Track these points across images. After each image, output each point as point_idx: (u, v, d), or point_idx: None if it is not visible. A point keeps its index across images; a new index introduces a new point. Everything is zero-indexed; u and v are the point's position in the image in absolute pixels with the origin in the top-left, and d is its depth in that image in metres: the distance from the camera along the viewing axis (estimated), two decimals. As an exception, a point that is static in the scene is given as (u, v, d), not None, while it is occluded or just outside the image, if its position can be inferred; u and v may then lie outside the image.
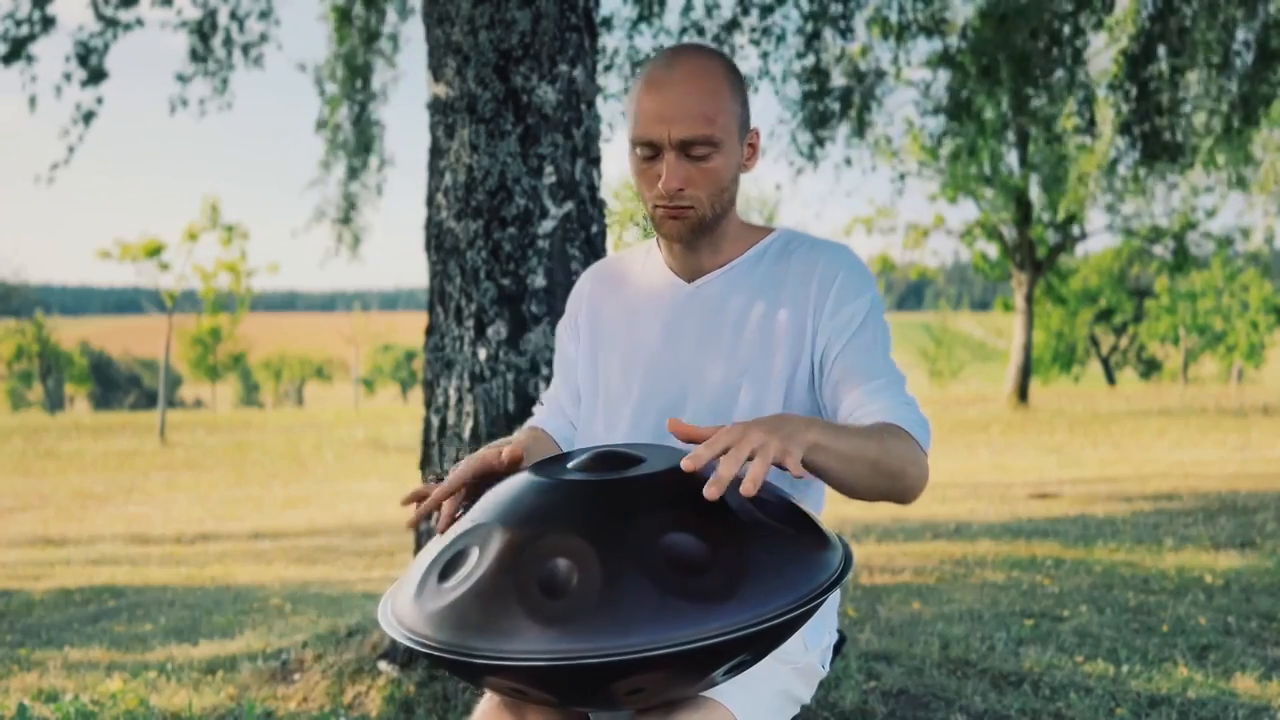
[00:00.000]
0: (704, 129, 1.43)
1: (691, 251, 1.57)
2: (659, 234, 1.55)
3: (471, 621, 1.13)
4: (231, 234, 19.83)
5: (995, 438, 14.79)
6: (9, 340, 40.45)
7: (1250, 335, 35.11)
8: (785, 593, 1.15)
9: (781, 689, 1.49)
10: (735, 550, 1.17)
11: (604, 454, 1.35)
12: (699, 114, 1.43)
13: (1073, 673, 3.38)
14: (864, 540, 6.28)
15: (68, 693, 3.49)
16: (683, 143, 1.44)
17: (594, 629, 1.09)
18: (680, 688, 1.22)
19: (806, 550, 1.23)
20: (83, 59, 5.38)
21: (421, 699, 3.09)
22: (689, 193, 1.47)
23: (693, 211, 1.49)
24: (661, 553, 1.14)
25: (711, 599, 1.11)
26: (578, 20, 3.29)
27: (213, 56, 6.51)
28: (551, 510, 1.23)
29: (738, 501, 1.23)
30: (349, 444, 17.37)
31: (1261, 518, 6.63)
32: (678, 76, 1.44)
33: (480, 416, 3.21)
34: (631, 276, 1.67)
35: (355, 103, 7.92)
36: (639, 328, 1.61)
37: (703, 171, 1.46)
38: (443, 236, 3.31)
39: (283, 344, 66.63)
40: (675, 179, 1.45)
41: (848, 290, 1.50)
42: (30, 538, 8.10)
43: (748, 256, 1.58)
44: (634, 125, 1.47)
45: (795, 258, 1.55)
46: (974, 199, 21.70)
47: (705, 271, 1.58)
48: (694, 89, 1.44)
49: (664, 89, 1.44)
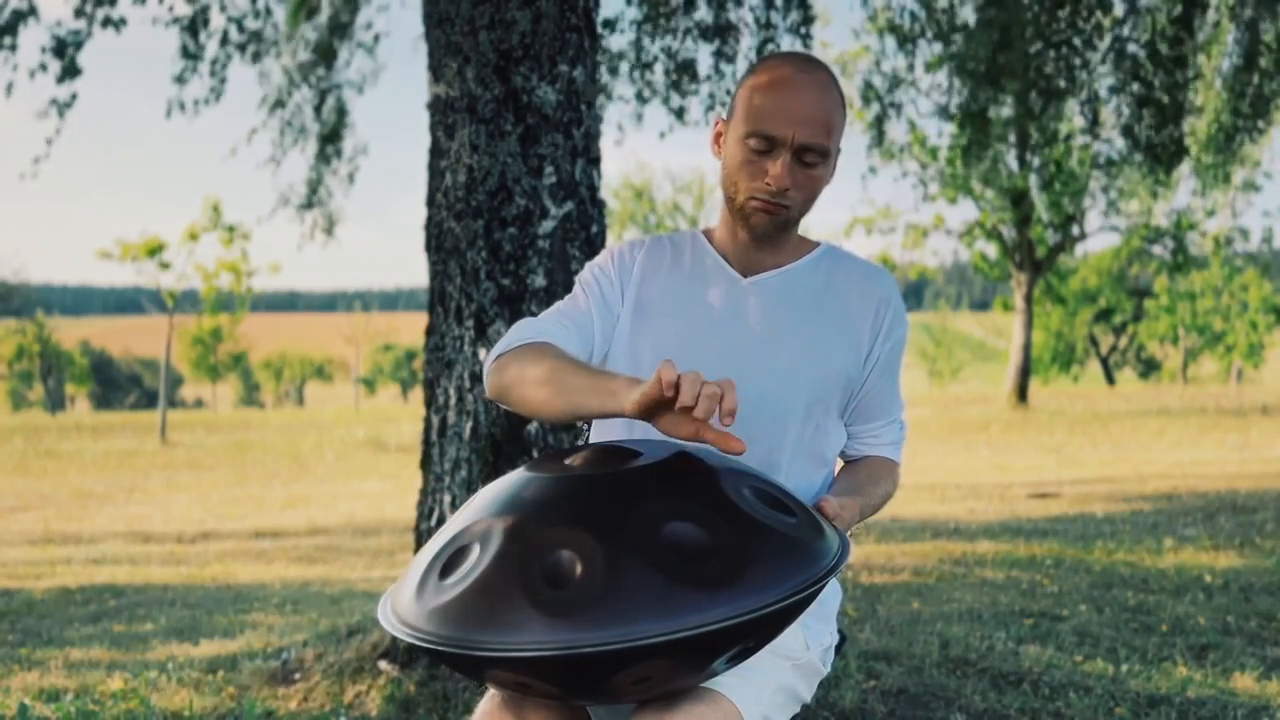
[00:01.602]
0: (823, 138, 1.50)
1: (757, 249, 1.61)
2: (743, 224, 1.57)
3: (475, 615, 1.14)
4: (233, 234, 19.82)
5: (995, 438, 14.79)
6: (9, 340, 40.46)
7: (1249, 335, 35.14)
8: (787, 578, 1.17)
9: (783, 684, 1.51)
10: (736, 537, 1.18)
11: (599, 449, 1.36)
12: (823, 123, 1.49)
13: (1072, 672, 3.38)
14: (864, 540, 6.28)
15: (68, 692, 3.50)
16: (802, 146, 1.49)
17: (599, 618, 1.09)
18: (684, 677, 1.23)
19: (805, 538, 1.25)
20: (58, 53, 5.35)
21: (421, 698, 3.10)
22: (791, 194, 1.52)
23: (787, 212, 1.54)
24: (663, 540, 1.15)
25: (715, 585, 1.12)
26: (578, 20, 3.29)
27: (202, 55, 6.49)
28: (552, 504, 1.23)
29: (737, 491, 1.25)
30: (349, 444, 17.37)
31: (1261, 517, 6.63)
32: (808, 82, 1.50)
33: (480, 416, 3.21)
34: (682, 262, 1.67)
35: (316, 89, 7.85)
36: (691, 314, 1.61)
37: (808, 177, 1.52)
38: (443, 236, 3.32)
39: (283, 344, 66.67)
40: (785, 179, 1.50)
41: (898, 317, 1.63)
42: (31, 537, 8.10)
43: (804, 262, 1.64)
44: (755, 118, 1.50)
45: (849, 271, 1.64)
46: (973, 199, 21.72)
47: (763, 269, 1.62)
48: (821, 98, 1.50)
49: (795, 91, 1.49)
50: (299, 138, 8.05)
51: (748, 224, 1.56)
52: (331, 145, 8.22)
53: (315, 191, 8.70)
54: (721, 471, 1.29)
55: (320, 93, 7.84)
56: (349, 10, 7.53)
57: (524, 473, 1.32)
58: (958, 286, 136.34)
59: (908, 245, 23.58)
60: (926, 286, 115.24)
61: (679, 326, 1.60)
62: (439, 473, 3.32)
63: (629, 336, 1.62)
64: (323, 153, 8.24)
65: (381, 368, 61.49)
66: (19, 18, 5.10)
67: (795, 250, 1.64)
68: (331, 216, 9.22)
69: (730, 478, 1.29)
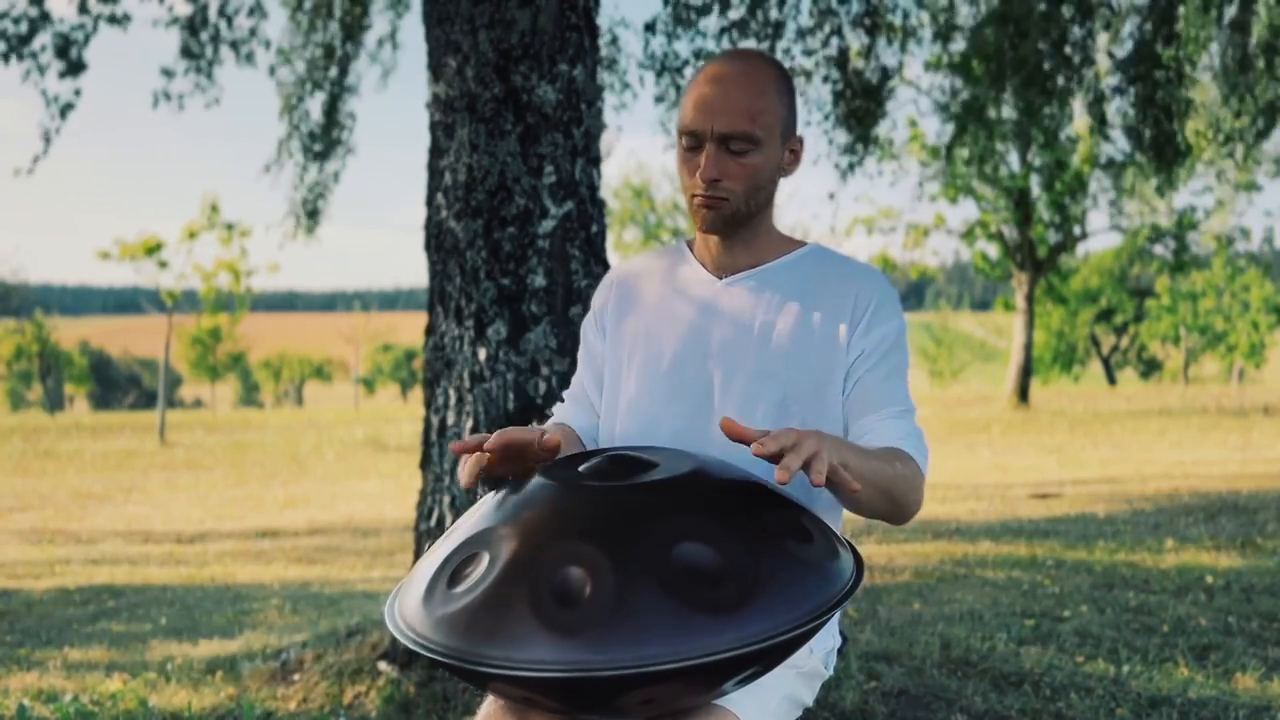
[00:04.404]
0: (745, 125, 1.49)
1: (726, 249, 1.61)
2: (695, 224, 1.59)
3: (482, 628, 1.12)
4: (231, 233, 19.79)
5: (996, 438, 14.78)
6: (9, 340, 40.42)
7: (1251, 335, 35.12)
8: (799, 604, 1.14)
9: (788, 694, 1.50)
10: (750, 560, 1.15)
11: (618, 458, 1.33)
12: (742, 110, 1.49)
13: (1073, 673, 3.37)
14: (864, 540, 6.28)
15: (68, 693, 3.49)
16: (724, 136, 1.50)
17: (607, 641, 1.07)
18: (691, 698, 1.21)
19: (820, 559, 1.21)
20: (61, 50, 5.35)
21: (421, 699, 3.09)
22: (725, 185, 1.52)
23: (726, 204, 1.53)
24: (675, 563, 1.12)
25: (726, 611, 1.10)
26: (578, 20, 3.28)
27: (203, 55, 6.50)
28: (565, 516, 1.21)
29: (753, 511, 1.22)
30: (349, 444, 17.37)
31: (1262, 518, 6.62)
32: (727, 73, 1.51)
33: (480, 416, 3.20)
34: (663, 274, 1.69)
35: (328, 93, 7.84)
36: (670, 322, 1.63)
37: (741, 166, 1.52)
38: (443, 236, 3.31)
39: (283, 344, 66.65)
40: (712, 168, 1.50)
41: (883, 312, 1.57)
42: (30, 537, 8.10)
43: (782, 261, 1.62)
44: (682, 118, 1.53)
45: (831, 270, 1.60)
46: (974, 199, 21.72)
47: (738, 270, 1.61)
48: (740, 86, 1.51)
49: (714, 84, 1.51)
50: (306, 143, 8.05)
51: (697, 221, 1.57)
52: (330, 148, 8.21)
53: (321, 196, 8.70)
54: (738, 490, 1.27)
55: (330, 97, 7.83)
56: (360, 10, 7.52)
57: (540, 479, 1.30)
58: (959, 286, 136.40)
59: (908, 245, 23.55)
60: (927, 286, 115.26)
61: (658, 344, 1.62)
62: (439, 473, 3.31)
63: (624, 370, 1.66)
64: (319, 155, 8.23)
65: (381, 368, 61.47)
66: (34, 26, 5.11)
67: (775, 249, 1.63)
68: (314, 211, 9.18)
69: (747, 497, 1.26)
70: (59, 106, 5.48)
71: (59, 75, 5.38)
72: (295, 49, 7.51)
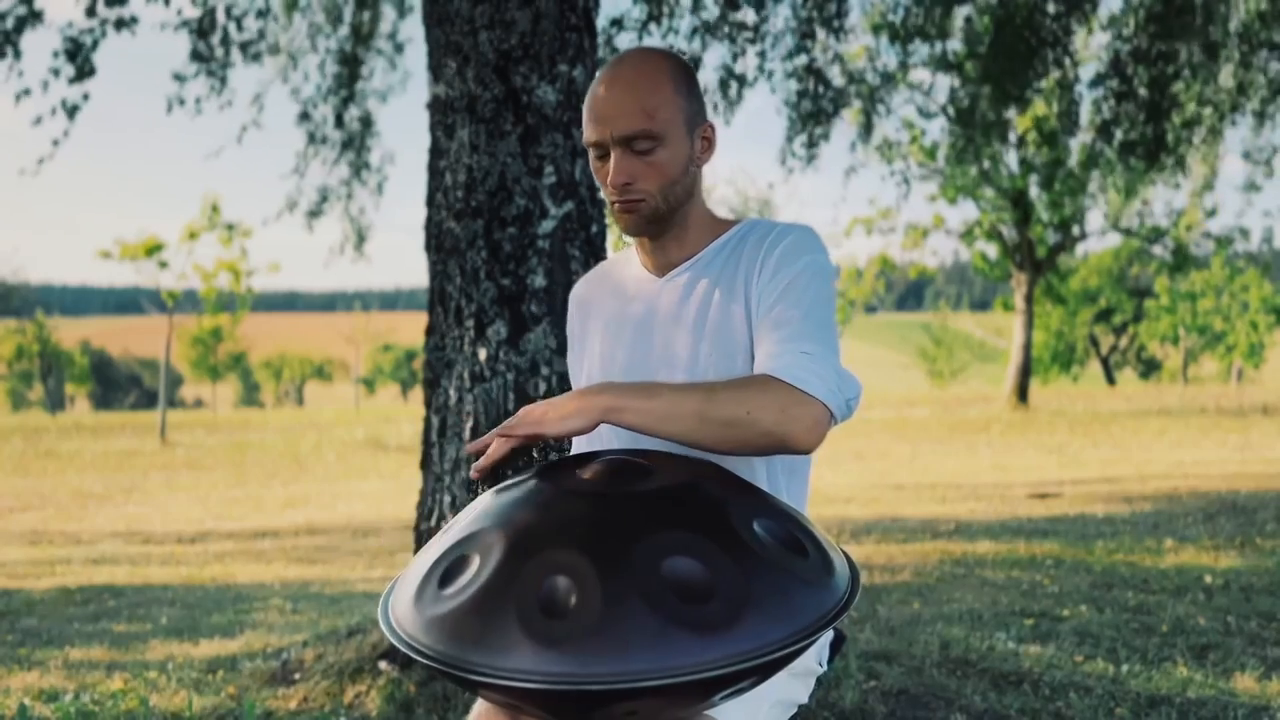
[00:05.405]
0: (642, 124, 1.47)
1: (660, 247, 1.60)
2: (620, 230, 1.59)
3: (468, 634, 1.12)
4: (232, 233, 19.79)
5: (995, 438, 14.79)
6: (9, 340, 40.41)
7: (1250, 335, 35.12)
8: (788, 622, 1.13)
9: (780, 698, 1.50)
10: (740, 576, 1.14)
11: (614, 463, 1.32)
12: (636, 110, 1.47)
13: (1072, 672, 3.38)
14: (864, 540, 6.28)
15: (68, 692, 3.49)
16: (624, 138, 1.47)
17: (591, 653, 1.07)
18: (676, 710, 1.20)
19: (813, 574, 1.21)
20: (71, 55, 5.35)
21: (421, 699, 3.09)
22: (638, 186, 1.50)
23: (644, 204, 1.51)
24: (664, 577, 1.12)
25: (713, 628, 1.09)
26: (578, 20, 3.29)
27: (214, 58, 6.51)
28: (555, 523, 1.20)
29: (748, 525, 1.21)
30: (349, 444, 17.37)
31: (1261, 518, 6.63)
32: (617, 76, 1.50)
33: (480, 416, 3.21)
34: (616, 278, 1.69)
35: (340, 97, 7.86)
36: (619, 326, 1.63)
37: (649, 165, 1.49)
38: (443, 236, 3.32)
39: (283, 344, 66.67)
40: (621, 173, 1.49)
41: (788, 255, 1.49)
42: (30, 537, 8.10)
43: (714, 246, 1.59)
44: (583, 132, 1.52)
45: (754, 234, 1.56)
46: (973, 199, 21.72)
47: (675, 265, 1.60)
48: (631, 87, 1.48)
49: (605, 89, 1.49)
50: (321, 149, 8.07)
51: (620, 227, 1.57)
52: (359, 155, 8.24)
53: (326, 199, 8.71)
54: (736, 502, 1.26)
55: (343, 101, 7.85)
56: (371, 15, 7.54)
57: (535, 481, 1.30)
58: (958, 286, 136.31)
59: (908, 245, 23.57)
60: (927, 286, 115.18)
61: (611, 358, 1.63)
62: (439, 473, 3.31)
63: (581, 372, 1.70)
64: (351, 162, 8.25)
65: (381, 368, 61.49)
66: (22, 23, 5.10)
67: (705, 235, 1.59)
68: (362, 232, 9.28)
69: (744, 509, 1.25)
70: (66, 109, 5.48)
71: (69, 80, 5.38)
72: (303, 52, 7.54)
